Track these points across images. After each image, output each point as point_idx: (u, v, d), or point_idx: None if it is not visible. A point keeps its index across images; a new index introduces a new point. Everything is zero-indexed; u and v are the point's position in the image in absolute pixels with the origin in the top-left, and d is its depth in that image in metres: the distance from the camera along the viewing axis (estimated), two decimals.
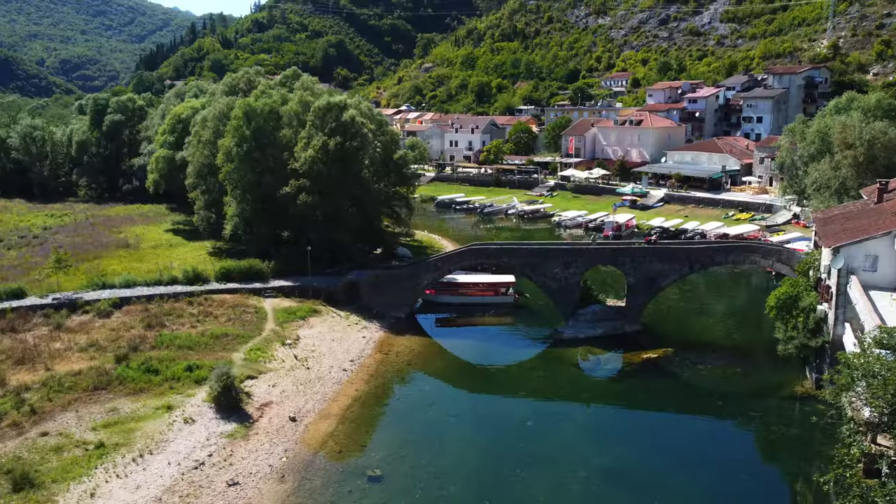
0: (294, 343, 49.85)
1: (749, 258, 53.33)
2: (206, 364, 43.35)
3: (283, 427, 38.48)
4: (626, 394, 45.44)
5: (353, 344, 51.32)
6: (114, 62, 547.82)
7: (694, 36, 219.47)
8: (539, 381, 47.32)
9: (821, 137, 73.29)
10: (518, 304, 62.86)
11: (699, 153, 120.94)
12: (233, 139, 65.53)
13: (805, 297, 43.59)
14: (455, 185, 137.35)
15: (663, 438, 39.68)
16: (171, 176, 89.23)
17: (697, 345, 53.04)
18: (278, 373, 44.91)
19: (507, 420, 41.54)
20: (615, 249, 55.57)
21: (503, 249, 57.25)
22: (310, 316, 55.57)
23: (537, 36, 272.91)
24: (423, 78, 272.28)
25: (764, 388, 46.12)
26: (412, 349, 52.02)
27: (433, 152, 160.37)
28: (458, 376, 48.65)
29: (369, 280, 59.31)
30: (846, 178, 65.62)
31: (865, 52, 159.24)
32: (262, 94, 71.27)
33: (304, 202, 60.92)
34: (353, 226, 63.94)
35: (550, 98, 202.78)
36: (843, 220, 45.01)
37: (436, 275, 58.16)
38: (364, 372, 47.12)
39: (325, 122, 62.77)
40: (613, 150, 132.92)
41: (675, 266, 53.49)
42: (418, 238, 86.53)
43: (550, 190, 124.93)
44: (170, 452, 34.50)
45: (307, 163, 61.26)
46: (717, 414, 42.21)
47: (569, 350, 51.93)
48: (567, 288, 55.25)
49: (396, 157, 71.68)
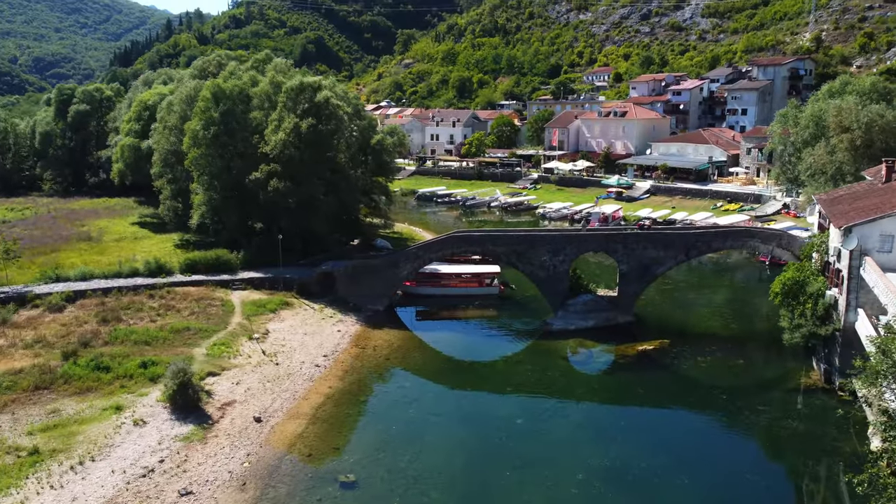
0: (262, 337, 46.00)
1: (748, 243, 50.35)
2: (164, 360, 39.37)
3: (247, 428, 34.67)
4: (621, 388, 42.15)
5: (327, 338, 47.58)
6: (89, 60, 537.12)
7: (675, 31, 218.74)
8: (528, 375, 43.84)
9: (815, 122, 70.82)
10: (504, 296, 59.44)
11: (685, 144, 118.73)
12: (200, 122, 61.43)
13: (813, 283, 40.59)
14: (436, 179, 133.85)
15: (664, 436, 36.42)
16: (138, 166, 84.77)
17: (694, 336, 49.97)
18: (244, 369, 41.05)
19: (495, 418, 38.03)
20: (607, 235, 52.31)
21: (488, 236, 53.74)
22: (281, 309, 51.73)
23: (518, 31, 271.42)
24: (404, 74, 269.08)
25: (768, 380, 43.13)
26: (391, 343, 48.38)
27: (414, 146, 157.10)
28: (441, 372, 45.08)
29: (345, 271, 55.55)
30: (842, 162, 63.17)
31: (848, 44, 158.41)
32: (232, 76, 67.17)
33: (275, 188, 57.00)
34: (328, 214, 60.10)
35: (532, 93, 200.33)
36: (851, 200, 42.13)
37: (416, 264, 54.54)
38: (338, 368, 43.40)
39: (298, 103, 58.88)
40: (597, 142, 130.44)
41: (671, 253, 50.37)
42: (398, 230, 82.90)
43: (534, 182, 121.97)
44: (115, 459, 30.56)
45: (278, 146, 57.35)
46: (720, 408, 39.01)
47: (559, 343, 48.58)
48: (556, 277, 51.93)
49: (374, 142, 67.92)
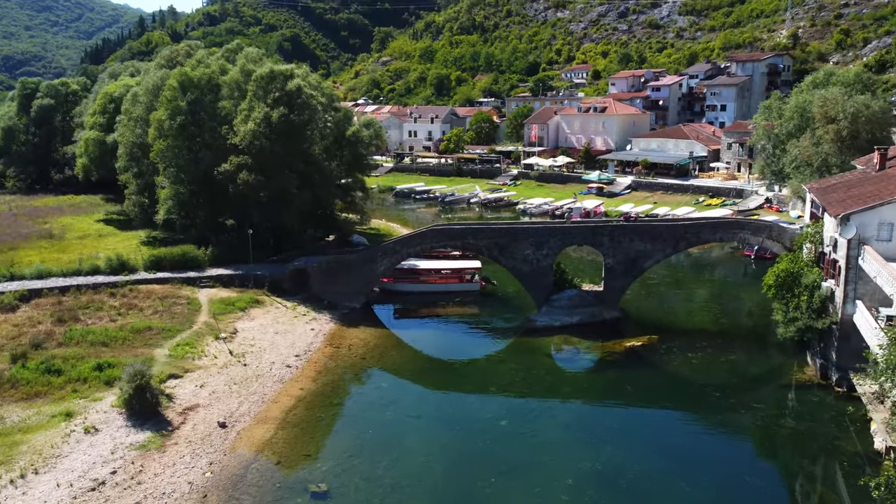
0: (230, 337, 43.30)
1: (738, 235, 48.66)
2: (122, 362, 36.52)
3: (210, 435, 32.04)
4: (610, 387, 40.09)
5: (299, 337, 45.01)
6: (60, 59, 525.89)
7: (653, 28, 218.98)
8: (512, 375, 41.65)
9: (799, 113, 69.81)
10: (485, 292, 57.27)
11: (665, 140, 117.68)
12: (166, 112, 58.48)
13: (808, 274, 38.90)
14: (414, 176, 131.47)
15: (657, 436, 34.38)
16: (103, 161, 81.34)
17: (683, 331, 48.17)
18: (208, 371, 38.35)
19: (478, 420, 35.74)
20: (592, 228, 50.32)
21: (468, 229, 51.46)
22: (251, 307, 49.04)
23: (496, 29, 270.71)
24: (381, 71, 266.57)
25: (761, 376, 41.44)
26: (367, 342, 45.93)
27: (392, 143, 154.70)
28: (420, 372, 42.73)
29: (319, 267, 52.98)
30: (828, 154, 62.06)
31: (825, 41, 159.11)
32: (200, 64, 64.17)
33: (245, 181, 54.20)
34: (301, 209, 57.34)
35: (511, 90, 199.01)
36: (846, 188, 40.57)
37: (394, 259, 52.14)
38: (311, 368, 40.86)
39: (269, 92, 56.11)
40: (577, 138, 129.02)
41: (659, 245, 48.53)
42: (375, 226, 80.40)
43: (514, 179, 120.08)
44: (61, 471, 27.76)
45: (247, 137, 54.53)
46: (713, 407, 37.09)
47: (543, 339, 46.49)
48: (539, 271, 49.85)
49: (349, 134, 65.27)
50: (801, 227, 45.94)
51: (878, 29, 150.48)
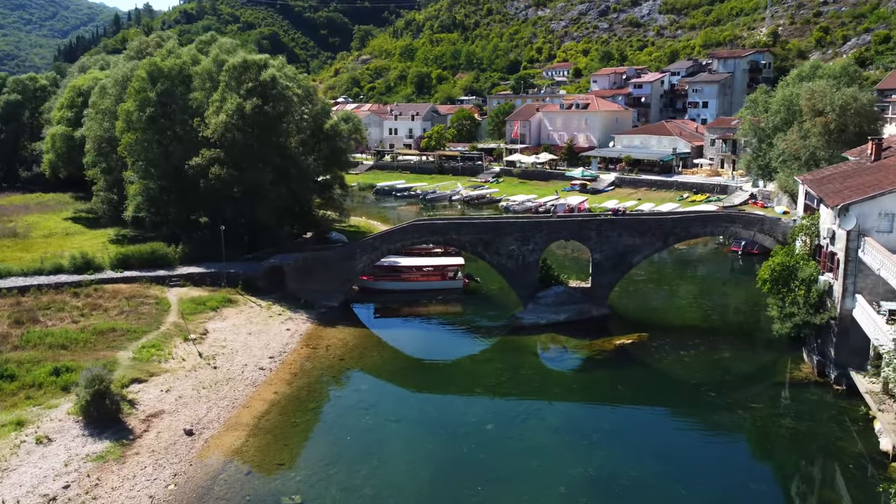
0: (200, 338, 40.96)
1: (729, 228, 47.22)
2: (82, 366, 34.04)
3: (175, 443, 29.76)
4: (600, 387, 38.28)
5: (274, 338, 42.77)
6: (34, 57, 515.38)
7: (634, 27, 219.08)
8: (497, 375, 39.74)
9: (786, 107, 68.75)
10: (468, 289, 55.35)
11: (648, 136, 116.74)
12: (134, 103, 55.89)
13: (804, 268, 37.44)
14: (395, 173, 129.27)
15: (652, 439, 32.62)
16: (71, 157, 78.26)
17: (674, 328, 46.58)
18: (176, 374, 36.01)
19: (462, 424, 33.75)
20: (579, 222, 48.60)
21: (451, 225, 49.48)
22: (223, 306, 46.72)
23: (477, 28, 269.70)
24: (361, 70, 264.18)
25: (756, 374, 39.95)
26: (346, 342, 43.79)
27: (372, 141, 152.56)
28: (401, 373, 40.67)
29: (295, 264, 50.73)
30: (816, 147, 60.95)
31: (804, 39, 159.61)
32: (171, 54, 61.58)
33: (217, 176, 51.85)
34: (277, 204, 55.10)
35: (492, 88, 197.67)
36: (842, 179, 39.20)
37: (373, 256, 50.02)
38: (286, 370, 38.65)
39: (242, 82, 53.80)
40: (560, 135, 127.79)
41: (648, 240, 46.92)
42: (355, 223, 78.28)
43: (496, 176, 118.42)
44: (8, 486, 25.37)
45: (219, 129, 52.17)
46: (709, 406, 35.45)
47: (530, 338, 44.67)
48: (525, 267, 48.04)
49: (327, 128, 63.08)
50: (794, 219, 44.57)
51: (856, 26, 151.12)
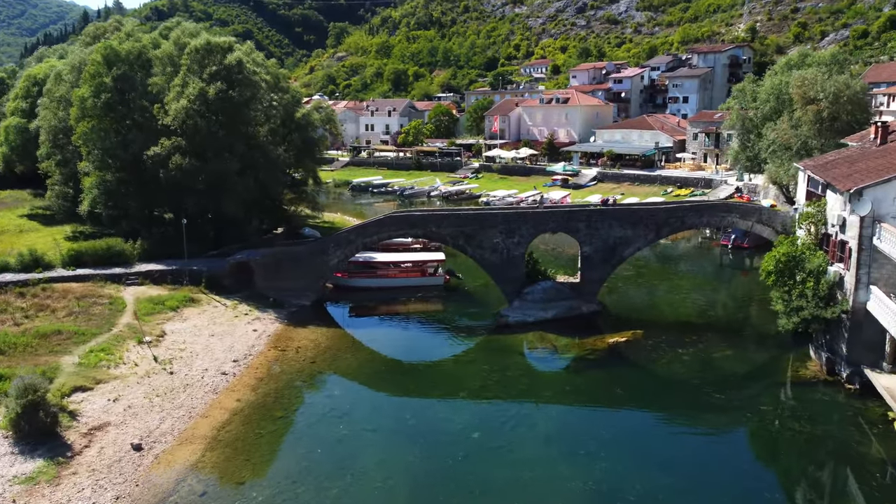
0: (156, 340, 37.28)
1: (726, 218, 44.58)
2: (18, 373, 30.32)
3: (121, 460, 26.20)
4: (595, 389, 35.29)
5: (239, 339, 39.22)
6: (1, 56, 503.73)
7: (611, 24, 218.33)
8: (483, 378, 36.59)
9: (775, 96, 66.69)
10: (450, 286, 52.20)
11: (629, 131, 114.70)
12: (89, 89, 51.92)
13: (812, 258, 34.81)
14: (372, 170, 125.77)
15: (655, 446, 29.69)
16: (27, 150, 73.66)
17: (669, 325, 43.81)
18: (126, 381, 32.36)
19: (445, 433, 30.60)
20: (568, 213, 45.63)
21: (430, 216, 46.24)
22: (184, 306, 43.04)
23: (454, 25, 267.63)
24: (336, 67, 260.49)
25: (761, 373, 37.24)
26: (318, 344, 40.37)
27: (348, 137, 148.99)
28: (378, 377, 37.32)
29: (264, 260, 47.17)
30: (808, 136, 58.77)
31: (783, 34, 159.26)
32: (129, 38, 57.58)
33: (178, 166, 48.12)
34: (244, 197, 51.41)
35: (470, 85, 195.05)
36: (849, 164, 36.70)
37: (348, 251, 46.63)
38: (251, 375, 35.17)
39: (205, 66, 50.15)
40: (539, 130, 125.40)
41: (640, 231, 44.14)
42: (329, 219, 74.72)
43: (475, 171, 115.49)
44: None
45: (180, 115, 48.43)
46: (714, 409, 32.67)
47: (516, 337, 41.62)
48: (510, 262, 45.01)
49: (298, 117, 59.53)
50: (795, 208, 42.05)
51: (835, 22, 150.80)
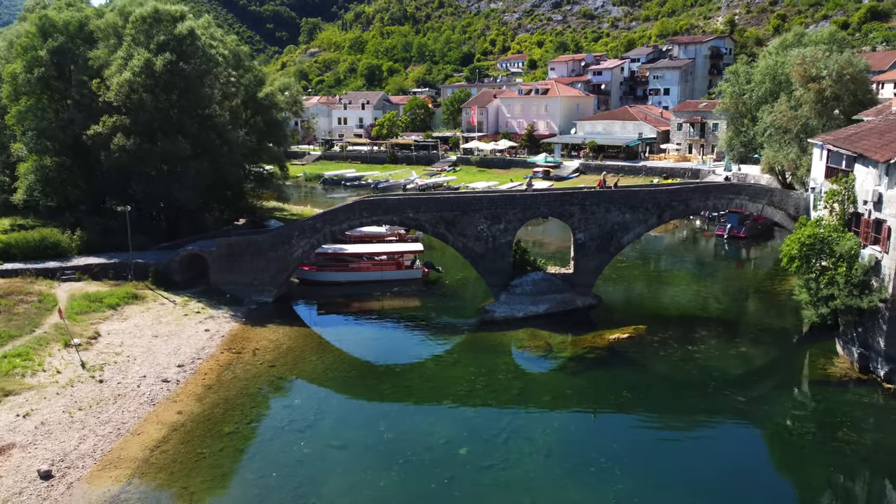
0: (87, 343, 31.95)
1: (734, 201, 40.33)
2: None
3: (22, 492, 20.99)
4: (599, 394, 30.60)
5: (187, 341, 34.03)
6: None
7: (588, 19, 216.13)
8: (469, 382, 31.79)
9: (771, 77, 63.09)
10: (429, 280, 47.43)
11: (612, 122, 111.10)
12: (22, 63, 46.31)
13: (843, 240, 30.62)
14: (345, 164, 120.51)
15: (676, 459, 25.15)
16: None
17: (673, 319, 39.47)
18: (43, 392, 27.05)
19: (427, 449, 25.74)
20: (560, 196, 41.05)
21: (407, 201, 41.34)
22: (126, 303, 37.72)
23: (429, 20, 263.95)
24: (309, 63, 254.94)
25: (784, 371, 32.93)
26: (279, 345, 35.30)
27: (320, 131, 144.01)
28: (348, 382, 32.30)
29: (219, 252, 41.92)
30: (808, 117, 55.11)
31: (762, 27, 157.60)
32: (69, 6, 51.86)
33: (122, 147, 42.71)
34: (199, 182, 46.18)
35: (445, 80, 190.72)
36: (878, 135, 32.62)
37: (315, 240, 41.54)
38: (198, 382, 30.03)
39: (152, 36, 44.78)
40: (518, 122, 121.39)
41: (640, 215, 39.75)
42: (298, 212, 69.35)
43: (453, 164, 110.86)
44: None
45: (123, 90, 43.00)
46: (739, 415, 28.20)
47: (505, 335, 36.91)
48: (496, 251, 40.35)
49: (261, 96, 54.29)
50: (813, 187, 37.94)
51: (814, 14, 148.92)
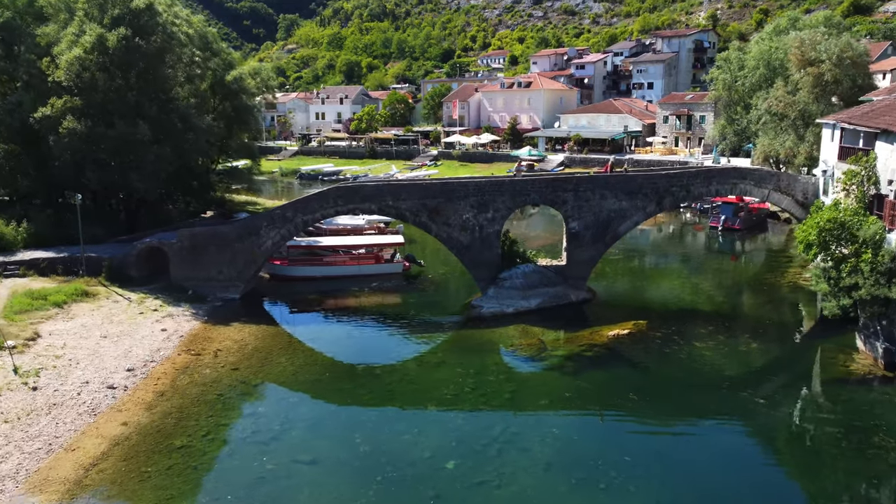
0: (24, 345, 28.23)
1: (738, 186, 37.54)
2: None
3: None
4: (603, 396, 27.39)
5: (140, 342, 30.43)
6: None
7: (569, 15, 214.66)
8: (456, 385, 28.50)
9: (765, 62, 60.85)
10: (410, 274, 44.18)
11: (597, 115, 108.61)
12: None
13: (867, 224, 27.83)
14: (323, 159, 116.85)
15: (691, 470, 22.11)
16: None
17: (675, 314, 36.55)
18: None
19: (410, 463, 22.46)
20: (552, 181, 37.93)
21: (386, 187, 37.97)
22: (74, 301, 34.00)
23: (408, 16, 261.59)
24: (287, 59, 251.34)
25: (801, 369, 30.11)
26: (244, 346, 31.80)
27: (298, 127, 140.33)
28: (321, 386, 28.80)
29: (180, 244, 38.27)
30: (807, 103, 52.78)
31: (744, 21, 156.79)
32: None
33: (73, 130, 38.91)
34: (159, 170, 42.38)
35: (426, 76, 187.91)
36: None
37: (286, 231, 38.04)
38: (149, 388, 26.49)
39: (106, 10, 41.04)
40: (501, 116, 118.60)
41: (638, 202, 36.82)
42: (271, 206, 65.55)
43: (434, 159, 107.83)
44: None
45: (73, 68, 39.23)
46: (754, 415, 25.25)
47: (494, 332, 33.72)
48: (483, 241, 37.18)
49: (229, 80, 50.60)
50: (824, 170, 35.24)
51: (796, 8, 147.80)
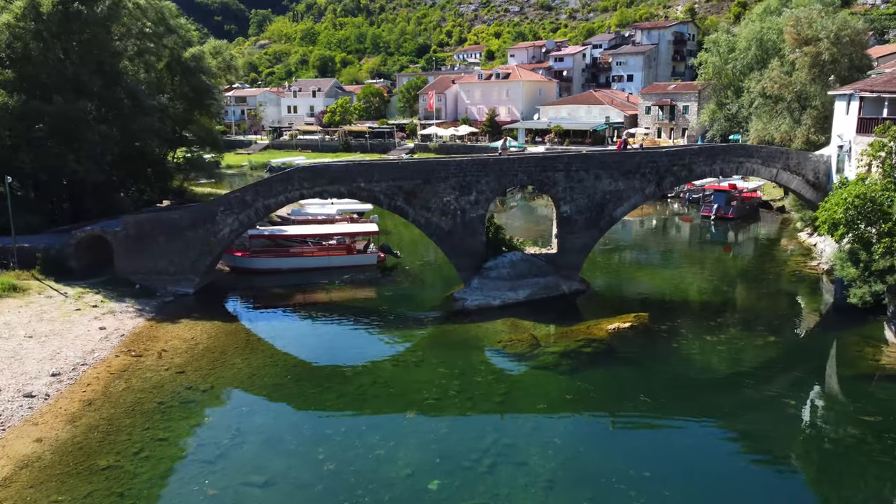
0: None
1: (744, 165, 34.32)
2: None
3: None
4: (607, 397, 23.83)
5: (72, 342, 26.29)
6: None
7: (545, 10, 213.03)
8: (438, 387, 24.79)
9: (758, 43, 58.26)
10: (386, 266, 40.41)
11: (577, 107, 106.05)
12: None
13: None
14: (294, 152, 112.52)
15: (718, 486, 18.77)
16: None
17: (678, 306, 33.27)
18: None
19: (385, 482, 18.69)
20: (541, 160, 34.39)
21: (356, 168, 34.14)
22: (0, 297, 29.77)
23: (383, 12, 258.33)
24: (259, 55, 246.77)
25: (825, 363, 26.88)
26: (194, 345, 27.76)
27: (269, 120, 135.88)
28: (281, 391, 24.76)
29: (126, 233, 34.04)
30: (804, 83, 50.19)
31: (722, 14, 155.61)
32: None
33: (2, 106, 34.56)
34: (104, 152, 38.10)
35: (401, 70, 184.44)
36: None
37: (244, 217, 33.99)
38: (75, 397, 22.40)
39: None
40: (479, 108, 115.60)
41: (636, 183, 33.46)
42: None
43: (410, 152, 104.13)
44: None
45: (3, 37, 34.90)
46: (780, 418, 21.96)
47: (480, 327, 30.07)
48: (466, 227, 33.55)
49: (187, 57, 46.37)
50: (840, 145, 32.20)
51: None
